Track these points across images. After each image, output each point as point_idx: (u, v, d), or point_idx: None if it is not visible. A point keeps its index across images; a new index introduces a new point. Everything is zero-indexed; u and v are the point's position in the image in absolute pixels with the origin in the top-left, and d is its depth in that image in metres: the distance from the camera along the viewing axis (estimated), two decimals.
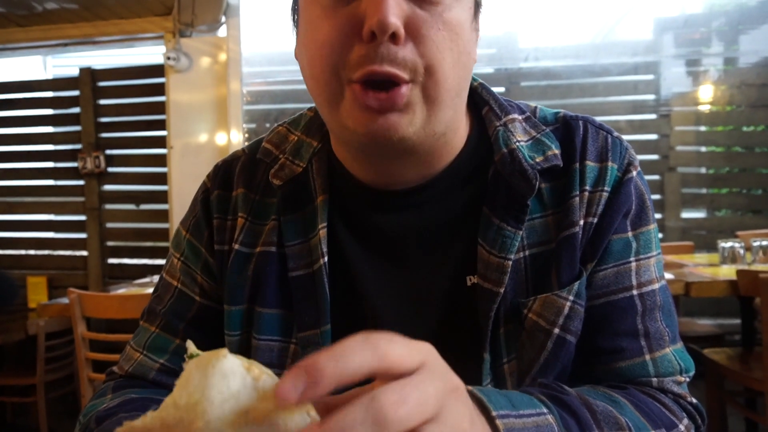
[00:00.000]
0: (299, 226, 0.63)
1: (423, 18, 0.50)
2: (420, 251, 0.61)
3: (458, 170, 0.61)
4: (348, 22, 0.50)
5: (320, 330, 0.60)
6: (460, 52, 0.52)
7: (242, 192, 0.66)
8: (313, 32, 0.53)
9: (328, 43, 0.51)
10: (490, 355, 0.59)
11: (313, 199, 0.63)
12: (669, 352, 0.60)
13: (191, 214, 0.70)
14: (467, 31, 0.53)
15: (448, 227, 0.61)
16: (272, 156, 0.66)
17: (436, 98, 0.52)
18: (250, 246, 0.64)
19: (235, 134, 3.55)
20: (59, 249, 3.93)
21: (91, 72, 3.77)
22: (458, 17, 0.52)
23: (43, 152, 3.98)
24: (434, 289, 0.61)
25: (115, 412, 0.59)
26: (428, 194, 0.61)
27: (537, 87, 3.73)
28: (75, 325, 2.06)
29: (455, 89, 0.53)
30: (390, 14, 0.47)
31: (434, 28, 0.50)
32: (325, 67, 0.52)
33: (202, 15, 3.46)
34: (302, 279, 0.61)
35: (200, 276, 0.67)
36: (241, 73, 3.55)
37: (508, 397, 0.45)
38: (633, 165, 0.61)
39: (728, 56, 3.77)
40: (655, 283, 0.61)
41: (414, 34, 0.50)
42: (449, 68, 0.51)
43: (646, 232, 0.62)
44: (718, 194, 3.74)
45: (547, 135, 0.62)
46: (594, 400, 0.51)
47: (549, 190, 0.60)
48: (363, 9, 0.49)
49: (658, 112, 3.64)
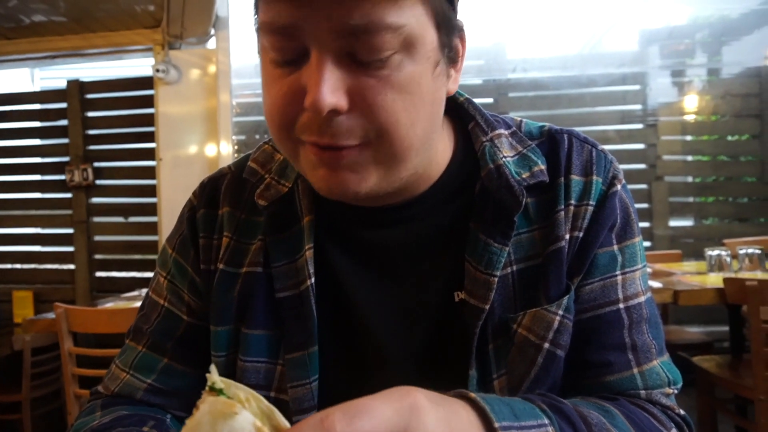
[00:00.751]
0: (286, 247, 0.62)
1: (369, 86, 0.47)
2: (409, 267, 0.61)
3: (445, 186, 0.61)
4: (292, 92, 0.49)
5: (308, 351, 0.59)
6: (417, 107, 0.49)
7: (228, 211, 0.66)
8: (265, 92, 0.52)
9: (276, 107, 0.50)
10: (478, 372, 0.58)
11: (299, 219, 0.62)
12: (657, 365, 0.60)
13: (177, 232, 0.69)
14: (426, 82, 0.50)
15: (437, 242, 0.61)
16: (258, 176, 0.66)
17: (393, 158, 0.50)
18: (236, 266, 0.64)
19: (224, 146, 3.54)
20: (46, 263, 3.88)
21: (79, 84, 3.75)
22: (410, 75, 0.48)
23: (30, 165, 3.94)
24: (423, 304, 0.61)
25: (111, 426, 0.58)
26: (415, 210, 0.60)
27: (525, 98, 3.76)
28: (62, 340, 2.03)
29: (418, 143, 0.51)
30: (325, 95, 0.46)
31: (382, 94, 0.47)
32: (276, 128, 0.52)
33: (192, 27, 3.46)
34: (289, 300, 0.61)
35: (187, 295, 0.67)
36: (230, 84, 3.54)
37: (511, 406, 0.45)
38: (617, 178, 0.62)
39: (712, 67, 3.83)
40: (641, 296, 0.61)
41: (360, 103, 0.48)
42: (406, 129, 0.49)
43: (631, 245, 0.62)
44: (704, 203, 3.78)
45: (533, 150, 0.62)
46: (588, 411, 0.51)
47: (535, 204, 0.60)
48: (304, 81, 0.48)
49: (645, 122, 3.68)
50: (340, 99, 0.47)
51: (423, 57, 0.49)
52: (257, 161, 0.67)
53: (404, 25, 0.46)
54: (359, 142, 0.49)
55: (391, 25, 0.46)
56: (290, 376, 0.59)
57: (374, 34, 0.45)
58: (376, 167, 0.51)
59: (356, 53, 0.47)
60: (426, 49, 0.49)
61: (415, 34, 0.48)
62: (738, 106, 3.69)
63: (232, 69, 3.56)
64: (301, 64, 0.48)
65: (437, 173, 0.61)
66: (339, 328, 0.61)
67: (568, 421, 0.47)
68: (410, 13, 0.47)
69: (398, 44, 0.47)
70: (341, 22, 0.45)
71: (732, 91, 3.69)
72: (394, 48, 0.47)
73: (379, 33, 0.46)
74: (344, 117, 0.48)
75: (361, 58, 0.47)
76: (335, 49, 0.47)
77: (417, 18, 0.47)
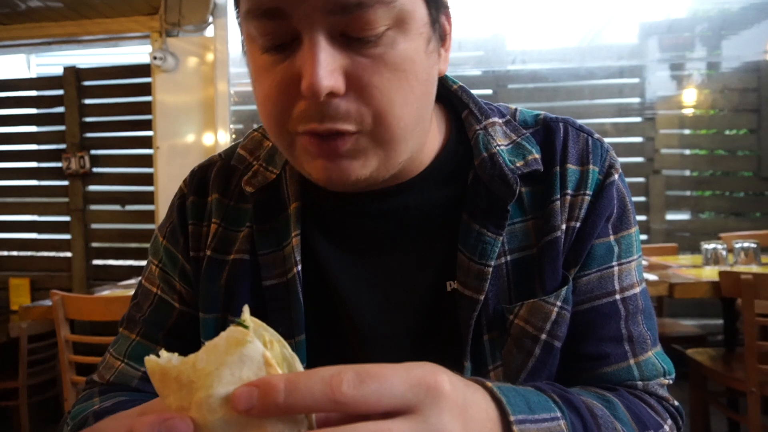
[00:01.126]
0: (272, 235, 0.61)
1: (363, 66, 0.47)
2: (398, 256, 0.60)
3: (435, 173, 0.60)
4: (285, 79, 0.48)
5: (295, 340, 0.59)
6: (412, 86, 0.49)
7: (216, 198, 0.65)
8: (257, 84, 0.51)
9: (270, 99, 0.49)
10: (473, 363, 0.58)
11: (286, 207, 0.62)
12: (652, 356, 0.60)
13: (168, 220, 0.69)
14: (420, 59, 0.50)
15: (426, 231, 0.60)
16: (246, 162, 0.65)
17: (391, 140, 0.50)
18: (224, 252, 0.63)
19: (222, 135, 3.53)
20: (43, 250, 3.87)
21: (75, 71, 3.72)
22: (404, 52, 0.48)
23: (26, 152, 3.93)
24: (413, 294, 0.60)
25: (114, 409, 0.58)
26: (404, 198, 0.60)
27: (524, 89, 3.75)
28: (58, 327, 2.04)
29: (413, 122, 0.51)
30: (321, 77, 0.45)
31: (377, 74, 0.47)
32: (270, 120, 0.51)
33: (189, 15, 3.43)
34: (276, 288, 0.60)
35: (178, 283, 0.66)
36: (228, 73, 3.53)
37: (526, 398, 0.44)
38: (614, 168, 0.61)
39: (711, 61, 3.82)
40: (636, 287, 0.61)
41: (356, 84, 0.47)
42: (400, 108, 0.49)
43: (627, 235, 0.61)
44: (701, 197, 3.79)
45: (527, 139, 0.61)
46: (593, 402, 0.51)
47: (529, 194, 0.60)
48: (298, 66, 0.46)
49: (643, 116, 3.68)
50: (337, 80, 0.46)
51: (415, 33, 0.49)
52: (246, 148, 0.67)
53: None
54: (356, 129, 0.48)
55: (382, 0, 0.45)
56: None
57: (367, 8, 0.45)
58: (375, 151, 0.50)
59: (349, 31, 0.46)
60: (417, 24, 0.49)
61: (407, 9, 0.47)
62: (736, 101, 3.68)
63: (230, 57, 3.54)
64: (292, 50, 0.47)
65: (428, 159, 0.60)
66: (326, 317, 0.61)
67: (577, 414, 0.47)
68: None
69: (391, 20, 0.46)
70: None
71: (730, 85, 3.69)
72: (387, 24, 0.46)
73: (372, 7, 0.45)
74: (341, 100, 0.47)
75: (353, 34, 0.46)
76: (327, 27, 0.46)
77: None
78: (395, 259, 0.60)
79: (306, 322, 0.59)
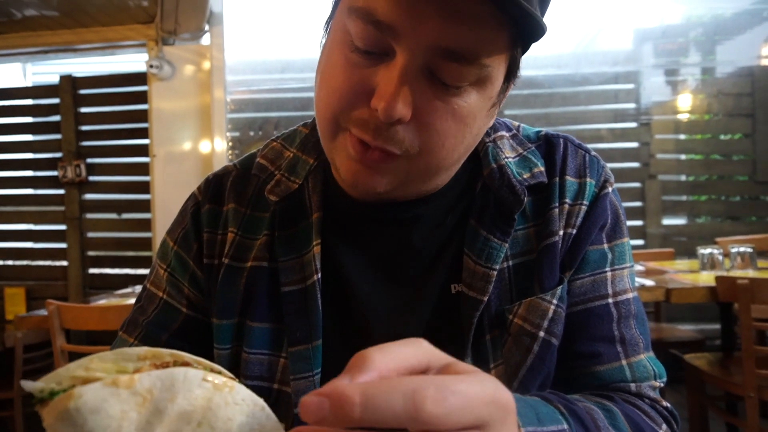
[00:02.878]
0: (293, 242, 0.63)
1: (435, 107, 0.49)
2: (413, 263, 0.63)
3: (451, 187, 0.63)
4: (361, 84, 0.49)
5: (311, 345, 0.60)
6: (464, 137, 0.52)
7: (233, 207, 0.66)
8: (329, 74, 0.52)
9: (338, 93, 0.51)
10: (474, 362, 0.59)
11: (308, 216, 0.63)
12: (644, 358, 0.62)
13: (179, 225, 0.69)
14: (481, 118, 0.53)
15: (438, 239, 0.63)
16: (268, 172, 0.67)
17: (426, 173, 0.54)
18: (241, 260, 0.64)
19: (219, 142, 3.53)
20: (38, 259, 3.86)
21: (71, 79, 3.73)
22: (473, 108, 0.51)
23: (22, 161, 3.92)
24: (421, 298, 0.62)
25: None
26: (423, 210, 0.62)
27: (519, 95, 3.77)
28: (54, 337, 2.02)
29: (451, 165, 0.55)
30: (396, 106, 0.47)
31: (442, 119, 0.50)
32: (328, 111, 0.52)
33: (186, 23, 3.44)
34: (295, 294, 0.62)
35: (187, 288, 0.67)
36: (225, 81, 3.53)
37: (535, 409, 0.45)
38: (609, 182, 0.65)
39: (705, 66, 3.85)
40: (629, 293, 0.64)
41: (420, 119, 0.49)
42: (447, 152, 0.52)
43: (620, 244, 0.65)
44: (697, 201, 3.80)
45: (533, 152, 0.66)
46: (596, 412, 0.52)
47: (531, 203, 0.63)
48: (376, 81, 0.48)
49: (638, 121, 3.70)
50: (408, 112, 0.48)
51: (487, 96, 0.52)
52: (267, 158, 0.68)
53: (490, 65, 0.49)
54: (401, 153, 0.51)
55: (482, 62, 0.48)
56: (293, 369, 0.60)
57: (466, 64, 0.47)
58: (408, 176, 0.53)
59: (439, 74, 0.48)
60: (493, 90, 0.52)
61: (492, 76, 0.50)
62: (731, 106, 3.71)
63: (226, 65, 3.55)
64: (380, 60, 0.49)
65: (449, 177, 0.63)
66: (342, 322, 0.62)
67: (582, 425, 0.49)
68: (497, 56, 0.49)
69: (476, 78, 0.49)
70: (444, 42, 0.46)
71: (725, 90, 3.72)
72: (471, 80, 0.49)
73: (470, 65, 0.48)
74: (401, 127, 0.49)
75: (442, 79, 0.48)
76: (422, 63, 0.48)
77: (499, 62, 0.50)
78: (409, 267, 0.63)
79: (323, 327, 0.61)
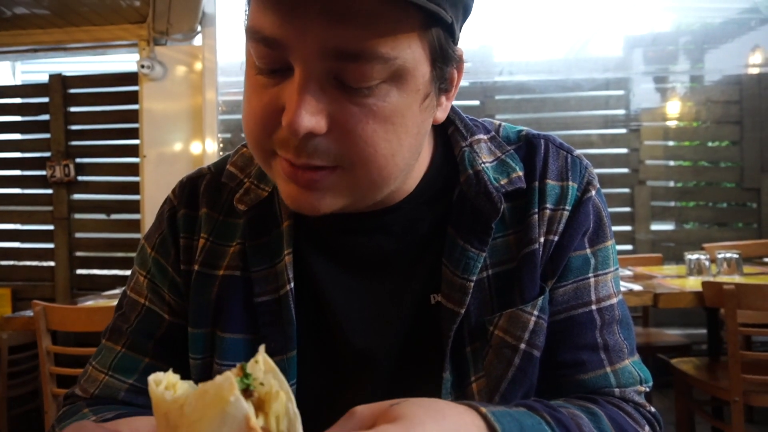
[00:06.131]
0: (265, 251, 0.61)
1: (351, 113, 0.46)
2: (386, 271, 0.61)
3: (423, 193, 0.61)
4: (272, 105, 0.48)
5: (286, 355, 0.59)
6: (400, 138, 0.48)
7: (206, 212, 0.65)
8: (246, 100, 0.51)
9: (254, 118, 0.49)
10: (454, 374, 0.59)
11: (279, 224, 0.62)
12: (628, 364, 0.61)
13: (156, 230, 0.68)
14: (412, 114, 0.49)
15: (414, 246, 0.61)
16: (237, 180, 0.65)
17: (369, 185, 0.50)
18: (212, 267, 0.63)
19: (210, 144, 3.51)
20: (25, 259, 3.81)
21: (61, 79, 3.69)
22: (396, 106, 0.47)
23: (10, 160, 3.87)
24: (398, 307, 0.61)
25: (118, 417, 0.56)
26: (395, 216, 0.60)
27: (511, 100, 3.80)
28: (39, 338, 2.00)
29: (398, 171, 0.51)
30: (303, 118, 0.44)
31: (362, 123, 0.46)
32: (252, 138, 0.51)
33: (178, 23, 3.43)
34: (268, 304, 0.60)
35: (168, 294, 0.66)
36: (216, 82, 3.52)
37: (520, 422, 0.44)
38: (592, 184, 0.62)
39: (694, 74, 3.90)
40: (613, 298, 0.62)
41: (340, 129, 0.46)
42: (384, 159, 0.48)
43: (603, 248, 0.63)
44: (685, 207, 3.84)
45: (511, 156, 0.63)
46: (581, 417, 0.51)
47: (510, 209, 0.61)
48: (285, 98, 0.46)
49: (628, 127, 3.73)
50: (318, 122, 0.46)
51: (412, 89, 0.48)
52: (236, 165, 0.66)
53: (396, 57, 0.45)
54: (334, 164, 0.48)
55: (383, 56, 0.44)
56: None
57: (364, 62, 0.44)
58: (349, 190, 0.50)
59: (342, 77, 0.45)
60: (417, 82, 0.48)
61: (407, 68, 0.46)
62: (719, 113, 3.75)
63: (218, 66, 3.53)
64: (284, 77, 0.47)
65: (416, 179, 0.61)
66: (317, 332, 0.61)
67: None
68: (406, 48, 0.45)
69: (387, 74, 0.46)
70: (331, 45, 0.44)
71: (713, 97, 3.76)
72: (382, 78, 0.46)
73: (369, 62, 0.44)
74: (321, 138, 0.47)
75: (347, 82, 0.45)
76: (320, 70, 0.45)
77: (412, 52, 0.46)
78: (384, 274, 0.61)
79: (297, 338, 0.59)
